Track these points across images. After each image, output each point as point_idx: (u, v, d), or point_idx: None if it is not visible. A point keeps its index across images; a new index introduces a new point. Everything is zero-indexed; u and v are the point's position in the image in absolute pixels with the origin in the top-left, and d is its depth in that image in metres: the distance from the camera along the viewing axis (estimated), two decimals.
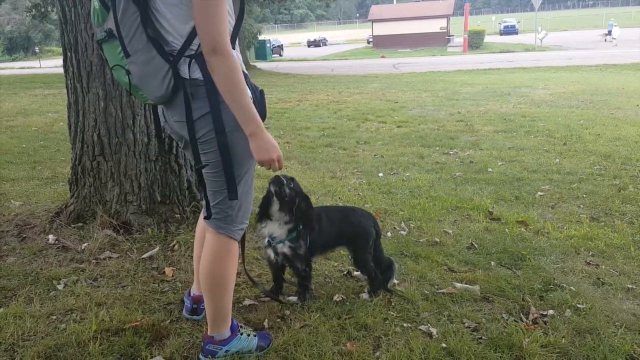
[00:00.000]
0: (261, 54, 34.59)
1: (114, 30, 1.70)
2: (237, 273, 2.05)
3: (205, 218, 1.94)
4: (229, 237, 1.94)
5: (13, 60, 47.51)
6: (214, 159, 1.80)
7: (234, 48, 1.73)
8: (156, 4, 1.70)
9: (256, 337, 2.12)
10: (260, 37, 35.11)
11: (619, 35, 31.61)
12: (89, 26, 3.04)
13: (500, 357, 2.10)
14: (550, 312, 2.44)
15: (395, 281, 2.70)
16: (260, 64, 27.43)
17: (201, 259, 1.98)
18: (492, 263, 2.99)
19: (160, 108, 1.96)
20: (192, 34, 1.72)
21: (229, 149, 1.77)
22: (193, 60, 1.73)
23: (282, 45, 41.76)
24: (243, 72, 1.74)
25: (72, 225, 3.22)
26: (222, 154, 1.77)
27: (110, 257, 2.93)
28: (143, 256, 2.94)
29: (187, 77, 1.74)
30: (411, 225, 3.60)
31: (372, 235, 2.56)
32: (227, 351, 2.04)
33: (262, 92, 1.90)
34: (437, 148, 6.27)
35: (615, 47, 28.23)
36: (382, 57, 32.29)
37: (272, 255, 2.44)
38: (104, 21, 1.72)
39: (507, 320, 2.38)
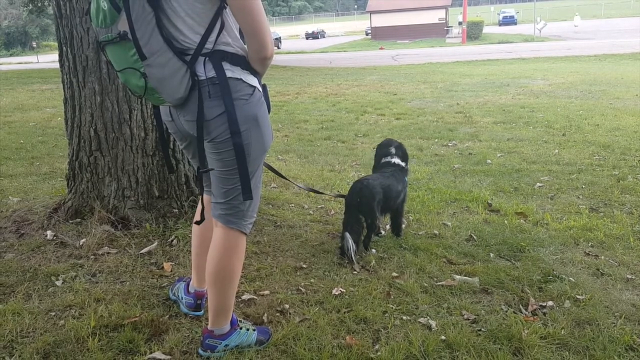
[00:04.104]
0: None
1: (128, 32, 1.64)
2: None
3: (196, 223, 1.97)
4: (240, 231, 1.93)
5: (11, 55, 47.43)
6: (228, 158, 1.79)
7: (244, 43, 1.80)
8: (171, 4, 1.68)
9: (255, 332, 2.11)
10: None
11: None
12: (84, 20, 3.01)
13: (500, 348, 2.10)
14: (550, 303, 2.44)
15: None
16: None
17: (209, 254, 1.96)
18: (491, 255, 2.99)
19: (166, 107, 1.94)
20: (207, 32, 1.70)
21: (244, 149, 1.77)
22: (207, 58, 1.72)
23: (280, 37, 41.55)
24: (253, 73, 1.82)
25: (70, 221, 3.21)
26: (237, 155, 1.77)
27: (108, 253, 2.92)
28: (141, 251, 2.93)
29: (204, 77, 1.73)
30: (410, 217, 3.59)
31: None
32: (226, 345, 2.04)
33: (265, 86, 1.90)
34: (436, 140, 6.26)
35: None
36: (381, 48, 32.19)
37: None
38: (112, 22, 1.65)
39: (506, 311, 2.38)
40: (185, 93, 1.73)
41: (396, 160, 3.25)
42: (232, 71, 1.75)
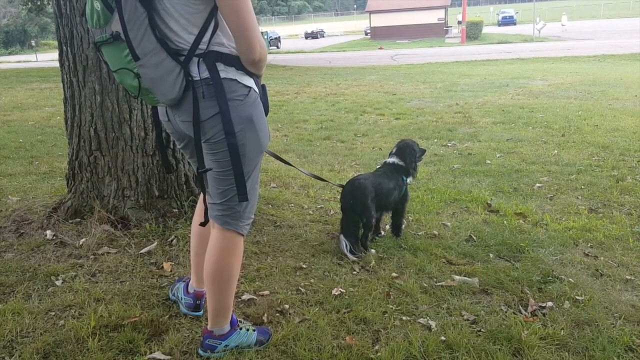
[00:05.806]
0: None
1: (121, 33, 1.65)
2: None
3: (201, 224, 1.97)
4: (236, 232, 1.93)
5: (9, 54, 47.34)
6: (223, 158, 1.79)
7: None
8: (164, 4, 1.67)
9: (255, 332, 2.12)
10: None
11: None
12: (84, 20, 3.01)
13: (499, 349, 2.10)
14: (549, 304, 2.44)
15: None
16: None
17: (206, 255, 1.96)
18: (491, 255, 2.99)
19: (162, 107, 1.94)
20: (201, 33, 1.70)
21: (239, 150, 1.77)
22: (201, 59, 1.72)
23: (279, 37, 41.57)
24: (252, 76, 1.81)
25: (70, 221, 3.21)
26: (232, 155, 1.77)
27: (108, 253, 2.92)
28: (141, 251, 2.93)
29: (198, 78, 1.72)
30: (409, 218, 3.60)
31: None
32: (226, 346, 2.04)
33: (264, 86, 1.89)
34: (436, 140, 6.26)
35: None
36: (380, 48, 32.17)
37: None
38: (106, 23, 1.66)
39: (505, 312, 2.38)
40: (179, 94, 1.72)
41: (391, 159, 3.27)
42: (226, 72, 1.74)
